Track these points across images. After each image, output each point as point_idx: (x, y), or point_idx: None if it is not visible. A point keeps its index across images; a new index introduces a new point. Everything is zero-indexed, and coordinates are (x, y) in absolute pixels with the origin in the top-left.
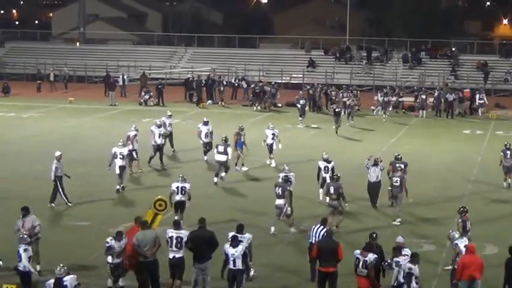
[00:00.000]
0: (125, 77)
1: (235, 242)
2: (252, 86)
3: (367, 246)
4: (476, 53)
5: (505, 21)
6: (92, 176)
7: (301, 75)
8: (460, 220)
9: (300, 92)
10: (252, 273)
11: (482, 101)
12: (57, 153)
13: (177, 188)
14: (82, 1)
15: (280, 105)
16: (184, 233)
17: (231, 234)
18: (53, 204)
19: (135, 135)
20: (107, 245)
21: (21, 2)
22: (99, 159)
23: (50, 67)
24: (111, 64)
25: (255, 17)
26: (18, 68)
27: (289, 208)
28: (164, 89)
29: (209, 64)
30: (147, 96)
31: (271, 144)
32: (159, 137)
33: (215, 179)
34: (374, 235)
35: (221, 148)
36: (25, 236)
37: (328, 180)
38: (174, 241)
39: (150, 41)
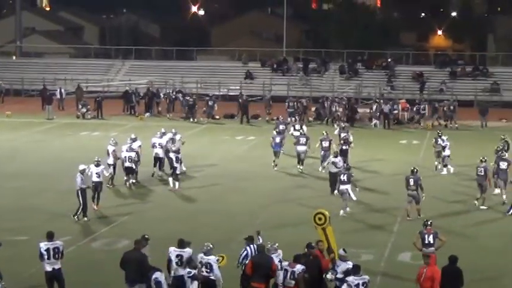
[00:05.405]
0: (63, 90)
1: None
2: (187, 98)
3: (296, 258)
4: (411, 63)
5: (440, 32)
6: (29, 190)
7: (238, 87)
8: (418, 232)
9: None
10: None
11: (424, 112)
12: (81, 167)
13: (125, 157)
14: (18, 14)
15: (218, 117)
16: (59, 243)
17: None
18: (85, 218)
19: (114, 150)
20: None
21: None
22: (36, 173)
23: None
24: (48, 77)
25: (192, 29)
26: None
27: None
28: (103, 102)
29: (147, 77)
30: (84, 110)
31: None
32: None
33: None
34: (312, 244)
35: None
36: (210, 247)
37: None
38: (52, 252)
39: (87, 54)
